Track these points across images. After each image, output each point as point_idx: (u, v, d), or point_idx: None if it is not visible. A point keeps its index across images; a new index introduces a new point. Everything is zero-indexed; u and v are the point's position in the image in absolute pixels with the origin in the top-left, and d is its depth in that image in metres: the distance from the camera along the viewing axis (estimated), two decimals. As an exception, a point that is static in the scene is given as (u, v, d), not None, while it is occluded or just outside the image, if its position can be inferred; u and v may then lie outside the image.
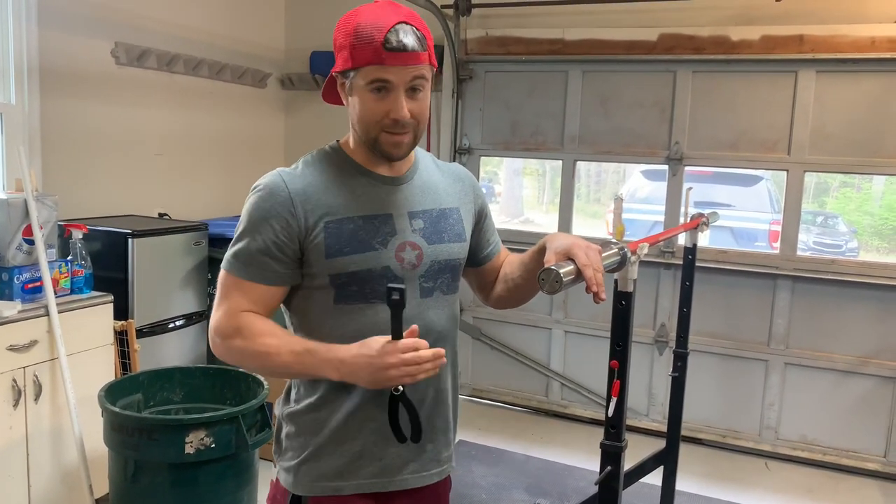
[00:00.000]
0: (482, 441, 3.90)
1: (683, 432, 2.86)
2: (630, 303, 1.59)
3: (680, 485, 2.84)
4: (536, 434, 4.09)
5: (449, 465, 1.47)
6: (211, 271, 3.57)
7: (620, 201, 2.20)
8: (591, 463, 3.60)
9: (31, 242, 2.68)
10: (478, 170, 4.45)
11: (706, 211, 2.74)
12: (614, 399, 1.59)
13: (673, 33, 3.85)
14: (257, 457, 2.60)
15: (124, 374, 2.93)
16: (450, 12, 4.21)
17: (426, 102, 1.32)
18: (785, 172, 3.80)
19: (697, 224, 2.62)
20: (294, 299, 1.36)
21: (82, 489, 2.70)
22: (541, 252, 1.35)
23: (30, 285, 2.68)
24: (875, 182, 6.19)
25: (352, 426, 1.34)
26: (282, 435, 1.42)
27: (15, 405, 2.54)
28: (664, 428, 2.86)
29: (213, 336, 1.32)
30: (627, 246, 1.52)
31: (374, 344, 1.21)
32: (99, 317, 2.87)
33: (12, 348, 2.52)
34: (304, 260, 1.31)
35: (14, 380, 2.52)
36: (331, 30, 1.34)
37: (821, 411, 3.80)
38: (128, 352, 3.02)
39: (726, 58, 3.75)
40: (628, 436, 1.68)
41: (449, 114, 4.38)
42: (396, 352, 1.19)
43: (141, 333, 3.15)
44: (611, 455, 1.63)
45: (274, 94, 4.76)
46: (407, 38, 1.25)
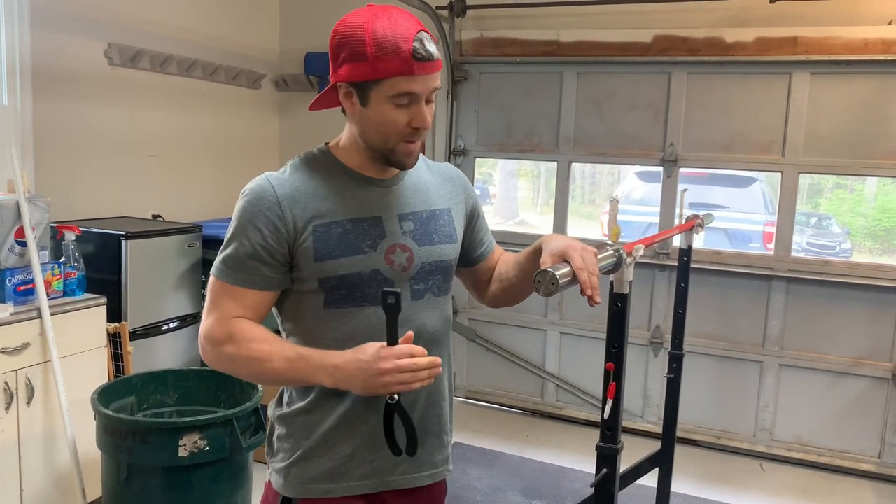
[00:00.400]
0: (477, 443, 3.90)
1: (678, 434, 2.86)
2: (626, 305, 1.59)
3: (675, 486, 2.85)
4: (531, 436, 4.09)
5: (444, 469, 1.45)
6: (205, 273, 3.51)
7: (616, 203, 2.20)
8: (587, 464, 3.60)
9: (24, 244, 2.66)
10: (473, 171, 4.45)
11: (701, 212, 2.74)
12: (610, 401, 1.59)
13: (667, 35, 3.86)
14: (251, 460, 2.59)
15: (117, 377, 2.91)
16: (445, 13, 4.21)
17: (433, 108, 1.32)
18: (779, 174, 3.81)
19: (692, 225, 2.62)
20: (285, 303, 1.35)
21: (75, 493, 2.69)
22: (536, 252, 1.35)
23: (22, 287, 2.66)
24: (868, 183, 6.20)
25: (343, 430, 1.33)
26: (273, 437, 1.41)
27: (7, 408, 2.52)
28: (659, 429, 2.86)
29: (204, 343, 1.31)
30: (623, 248, 1.51)
31: (369, 349, 1.20)
32: (92, 319, 2.85)
33: (4, 351, 2.50)
34: (294, 264, 1.30)
35: (6, 383, 2.51)
36: (326, 31, 1.31)
37: (815, 412, 3.81)
38: (121, 354, 3.00)
39: (720, 59, 3.76)
40: (623, 437, 1.68)
41: (444, 115, 4.38)
42: (391, 357, 1.17)
43: (134, 336, 3.13)
44: (607, 457, 1.62)
45: (268, 96, 4.75)
46: (430, 47, 1.24)
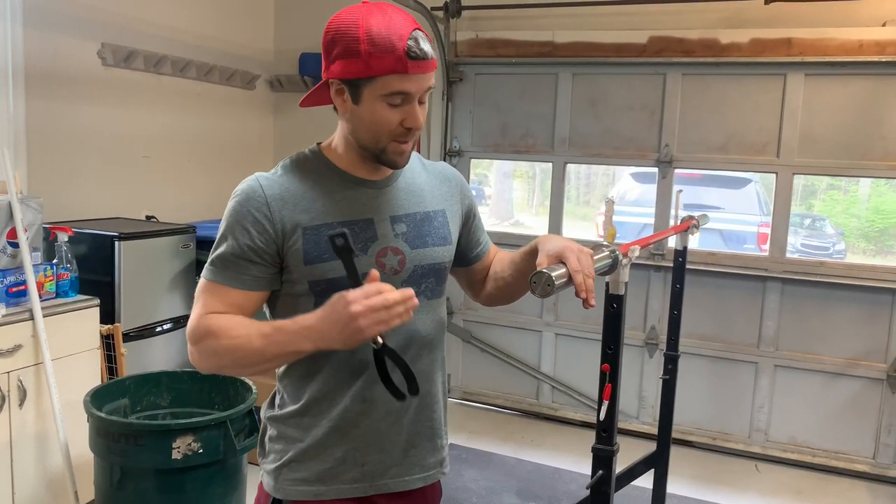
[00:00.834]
0: (472, 444, 3.89)
1: (674, 435, 2.86)
2: (621, 306, 1.59)
3: (671, 487, 2.84)
4: (527, 437, 4.08)
5: (437, 471, 1.44)
6: (199, 274, 3.52)
7: (612, 204, 2.20)
8: (582, 466, 3.60)
9: (16, 245, 2.65)
10: (468, 172, 4.45)
11: (696, 213, 2.74)
12: (606, 403, 1.58)
13: (662, 36, 3.86)
14: (245, 462, 2.57)
15: (111, 379, 2.90)
16: (440, 14, 4.21)
17: (426, 108, 1.31)
18: (774, 175, 3.82)
19: (688, 226, 2.63)
20: (277, 306, 1.34)
21: (67, 496, 2.67)
22: (532, 253, 1.34)
23: (14, 289, 2.64)
24: (862, 184, 6.23)
25: (335, 433, 1.32)
26: (265, 438, 1.40)
27: (-1, 410, 2.51)
28: (655, 430, 2.86)
29: (188, 344, 1.29)
30: (619, 249, 1.51)
31: (335, 299, 1.16)
32: (85, 321, 2.84)
33: (-4, 353, 2.49)
34: (284, 266, 1.29)
35: (-2, 385, 2.50)
36: (320, 31, 1.29)
37: (810, 413, 3.81)
38: (114, 356, 2.99)
39: (716, 60, 3.77)
40: (619, 438, 1.68)
41: (439, 116, 4.37)
42: (360, 299, 1.13)
43: (128, 337, 3.12)
44: (602, 459, 1.62)
45: (263, 96, 4.73)
46: (425, 46, 1.22)
